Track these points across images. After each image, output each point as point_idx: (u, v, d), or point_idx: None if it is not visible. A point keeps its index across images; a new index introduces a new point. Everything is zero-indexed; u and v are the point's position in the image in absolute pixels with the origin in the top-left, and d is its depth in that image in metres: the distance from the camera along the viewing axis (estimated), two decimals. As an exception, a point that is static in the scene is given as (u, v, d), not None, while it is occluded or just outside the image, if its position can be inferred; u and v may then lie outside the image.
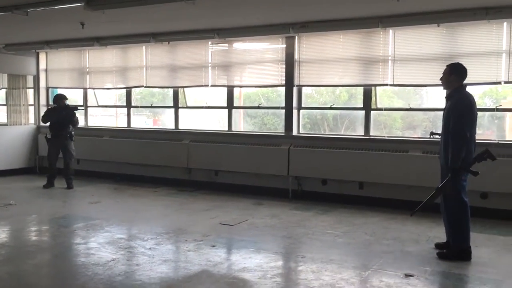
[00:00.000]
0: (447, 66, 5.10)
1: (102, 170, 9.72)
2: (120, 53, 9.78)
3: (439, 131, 5.28)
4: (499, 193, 6.54)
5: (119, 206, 7.45)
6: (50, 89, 11.00)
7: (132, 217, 6.68)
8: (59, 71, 10.72)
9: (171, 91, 9.57)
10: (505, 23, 6.57)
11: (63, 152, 8.90)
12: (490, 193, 6.61)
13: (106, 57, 9.97)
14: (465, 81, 5.85)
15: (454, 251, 4.94)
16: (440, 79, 5.12)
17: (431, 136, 5.56)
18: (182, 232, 5.87)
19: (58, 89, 11.07)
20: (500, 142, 6.76)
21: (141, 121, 10.48)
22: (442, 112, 7.02)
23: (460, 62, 5.12)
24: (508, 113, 7.28)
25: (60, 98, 8.95)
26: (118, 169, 9.69)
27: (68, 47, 9.86)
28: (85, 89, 10.36)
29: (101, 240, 5.59)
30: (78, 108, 9.03)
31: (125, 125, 10.12)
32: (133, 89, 9.94)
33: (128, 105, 10.04)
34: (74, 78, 10.50)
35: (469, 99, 4.86)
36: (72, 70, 10.49)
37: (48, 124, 8.93)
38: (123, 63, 9.80)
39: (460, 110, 4.76)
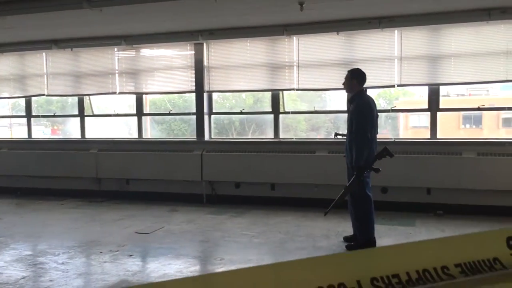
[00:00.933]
0: (348, 71, 5.46)
1: (0, 185, 9.09)
2: (18, 60, 9.23)
3: (341, 132, 5.67)
4: (398, 187, 7.12)
5: (23, 221, 7.04)
6: None
7: (40, 232, 6.36)
8: None
9: (71, 98, 9.20)
10: (396, 31, 7.18)
11: None
12: (389, 187, 7.17)
13: (2, 65, 9.34)
14: (364, 85, 6.43)
15: (361, 242, 5.33)
16: (343, 84, 5.48)
17: (335, 137, 5.93)
18: (95, 244, 5.71)
19: None
20: (396, 140, 7.37)
21: (39, 131, 9.96)
22: (343, 114, 7.56)
23: (359, 68, 5.53)
24: (401, 113, 7.97)
25: None
26: (18, 183, 9.11)
27: (-43, 54, 9.12)
28: (-22, 98, 9.64)
29: (8, 258, 5.27)
30: None
31: (25, 136, 9.55)
32: (32, 98, 9.42)
33: (28, 115, 9.49)
34: (-36, 87, 9.72)
35: (369, 102, 5.25)
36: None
37: None
38: (21, 70, 9.25)
39: (361, 112, 5.12)
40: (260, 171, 7.63)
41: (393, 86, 7.34)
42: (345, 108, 7.64)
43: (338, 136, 5.87)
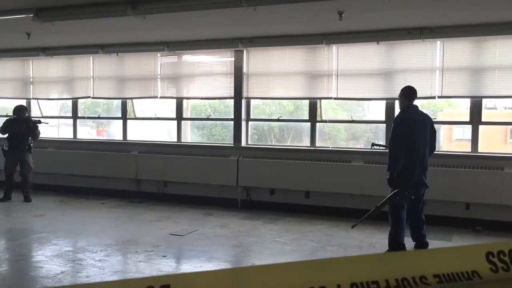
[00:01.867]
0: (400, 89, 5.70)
1: (46, 183, 9.47)
2: (66, 63, 9.64)
3: (380, 142, 5.68)
4: (436, 201, 6.98)
5: (65, 218, 7.33)
6: (-9, 99, 10.63)
7: (80, 230, 6.61)
8: (1, 81, 10.39)
9: (116, 101, 9.54)
10: (438, 42, 7.07)
11: (21, 165, 8.66)
12: (427, 200, 7.04)
13: (51, 67, 9.79)
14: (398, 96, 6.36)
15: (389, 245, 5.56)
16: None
17: (373, 147, 5.93)
18: (132, 244, 5.88)
19: (0, 100, 10.75)
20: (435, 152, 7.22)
21: (85, 132, 10.33)
22: (382, 124, 7.50)
23: (410, 85, 5.70)
24: (442, 125, 7.82)
25: (20, 110, 8.74)
26: (63, 181, 9.49)
27: (12, 57, 9.62)
28: (28, 99, 10.10)
29: (49, 253, 5.51)
30: (41, 121, 8.79)
31: (71, 136, 9.94)
32: (79, 100, 9.81)
33: (74, 116, 9.88)
34: (17, 88, 10.22)
35: (407, 116, 5.46)
36: (15, 80, 10.21)
37: (5, 135, 8.66)
38: (69, 73, 9.66)
39: (394, 126, 5.44)
40: (295, 178, 7.65)
41: (434, 97, 7.22)
42: (383, 118, 7.59)
43: (375, 147, 5.87)
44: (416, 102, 7.60)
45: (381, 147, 6.28)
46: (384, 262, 1.63)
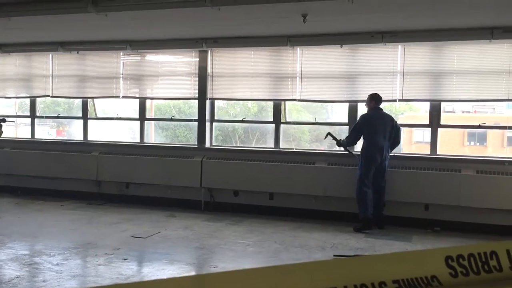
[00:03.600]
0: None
1: (1, 184, 9.13)
2: (24, 61, 9.33)
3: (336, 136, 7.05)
4: (395, 202, 7.10)
5: (21, 221, 7.08)
6: None
7: (37, 233, 6.40)
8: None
9: (77, 100, 9.31)
10: (399, 46, 7.22)
11: None
12: (387, 201, 7.17)
13: (8, 65, 9.45)
14: (365, 98, 6.69)
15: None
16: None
17: (326, 137, 7.16)
18: (91, 247, 5.73)
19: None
20: (395, 154, 7.36)
21: (44, 131, 10.02)
22: (345, 126, 7.63)
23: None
24: (402, 128, 7.96)
25: None
26: (20, 183, 9.17)
27: (-35, 53, 9.24)
28: (-17, 97, 9.72)
29: (3, 257, 5.30)
30: (6, 120, 8.44)
31: (28, 136, 9.63)
32: (37, 99, 9.51)
33: (32, 115, 9.57)
34: (-29, 85, 9.82)
35: (372, 115, 6.89)
36: (-31, 77, 9.81)
37: None
38: (27, 71, 9.35)
39: (359, 118, 7.00)
40: (259, 180, 7.64)
41: (395, 100, 7.36)
42: (346, 120, 7.69)
43: (329, 136, 7.08)
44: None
45: (333, 139, 7.08)
46: (343, 268, 1.62)
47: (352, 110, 7.61)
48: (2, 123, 8.35)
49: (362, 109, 7.82)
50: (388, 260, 1.69)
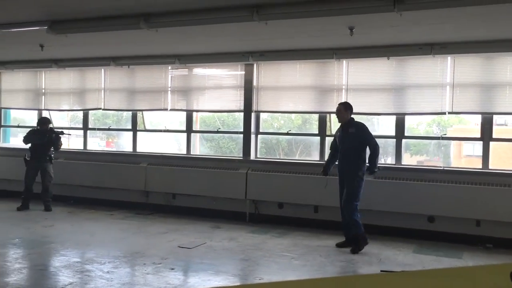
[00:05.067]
0: (342, 104, 6.60)
1: (56, 193, 9.48)
2: (78, 75, 9.75)
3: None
4: (445, 217, 6.92)
5: (74, 229, 7.35)
6: (2, 110, 10.75)
7: (88, 241, 6.62)
8: (14, 92, 10.52)
9: (125, 113, 9.61)
10: (449, 58, 7.07)
11: (42, 175, 8.78)
12: (436, 217, 6.99)
13: (63, 79, 9.90)
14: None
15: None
16: (337, 115, 6.59)
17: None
18: (140, 255, 5.87)
19: (12, 110, 10.87)
20: (445, 168, 7.19)
21: (95, 143, 10.38)
22: (391, 140, 7.47)
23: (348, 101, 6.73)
24: (452, 141, 7.78)
25: (44, 122, 8.89)
26: (72, 192, 9.53)
27: (25, 68, 9.75)
28: (40, 110, 10.19)
29: (57, 264, 5.52)
30: (64, 133, 8.89)
31: (81, 147, 10.01)
32: (90, 112, 9.89)
33: (85, 127, 9.96)
34: (29, 99, 10.33)
35: None
36: (27, 91, 10.32)
37: (28, 146, 8.77)
38: (81, 85, 9.76)
39: (367, 129, 6.50)
40: (304, 193, 7.62)
41: (444, 113, 7.20)
42: (393, 133, 7.57)
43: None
44: (426, 118, 7.78)
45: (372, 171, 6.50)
46: (391, 283, 1.58)
47: (400, 123, 7.50)
48: (60, 136, 8.76)
49: (410, 122, 7.72)
50: (450, 275, 1.65)
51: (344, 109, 6.49)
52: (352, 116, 6.55)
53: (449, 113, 7.17)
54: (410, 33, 6.36)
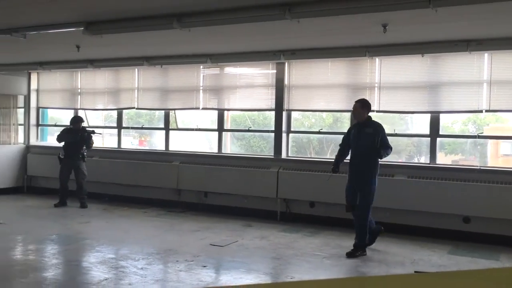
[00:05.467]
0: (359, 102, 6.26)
1: (90, 190, 9.69)
2: (113, 75, 9.95)
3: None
4: (482, 218, 6.75)
5: (109, 226, 7.50)
6: (40, 109, 11.07)
7: (122, 237, 6.75)
8: (51, 92, 10.83)
9: (158, 112, 9.75)
10: (486, 54, 6.88)
11: (76, 173, 9.01)
12: (472, 217, 6.82)
13: (98, 79, 10.12)
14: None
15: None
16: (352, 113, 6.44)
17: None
18: (172, 253, 5.95)
19: (49, 109, 11.18)
20: (481, 167, 7.01)
21: (128, 141, 10.57)
22: (425, 138, 7.31)
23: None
24: (489, 140, 7.57)
25: (77, 121, 9.13)
26: (106, 190, 9.73)
27: (62, 69, 10.01)
28: (76, 109, 10.45)
29: (93, 260, 5.65)
30: (95, 132, 9.11)
31: (115, 145, 10.21)
32: (124, 111, 10.08)
33: (119, 126, 10.15)
34: (65, 98, 10.62)
35: None
36: (64, 91, 10.61)
37: (62, 144, 9.03)
38: (115, 84, 9.96)
39: (383, 129, 6.18)
40: (335, 192, 7.52)
41: (481, 111, 7.02)
42: (427, 131, 7.43)
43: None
44: (461, 116, 7.58)
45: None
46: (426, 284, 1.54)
47: (434, 122, 7.35)
48: (92, 135, 8.96)
49: (445, 120, 7.55)
50: (478, 276, 1.60)
51: (361, 107, 6.20)
52: (370, 114, 6.29)
53: (486, 111, 6.99)
54: (445, 30, 6.22)
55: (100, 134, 9.56)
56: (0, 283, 4.80)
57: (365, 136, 6.10)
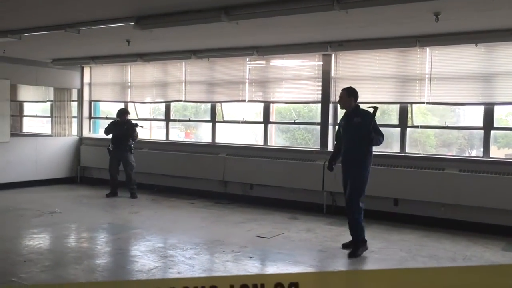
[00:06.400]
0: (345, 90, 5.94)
1: (140, 181, 9.97)
2: (161, 68, 10.14)
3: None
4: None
5: (157, 216, 7.69)
6: (93, 102, 11.45)
7: (171, 228, 6.90)
8: (102, 85, 11.17)
9: (204, 104, 9.87)
10: (544, 43, 6.56)
11: (124, 164, 9.28)
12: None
13: (147, 72, 10.35)
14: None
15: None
16: (339, 102, 6.01)
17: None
18: (219, 243, 6.03)
19: (100, 102, 11.54)
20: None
21: (174, 134, 10.76)
22: (478, 131, 7.06)
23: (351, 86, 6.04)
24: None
25: (123, 113, 9.38)
26: (155, 181, 9.97)
27: (112, 63, 10.29)
28: (126, 102, 10.73)
29: (143, 248, 5.81)
30: (138, 125, 9.36)
31: (163, 137, 10.43)
32: (171, 103, 10.27)
33: (167, 119, 10.36)
34: (116, 91, 10.93)
35: None
36: (114, 84, 10.92)
37: (110, 136, 9.34)
38: (163, 78, 10.15)
39: (375, 119, 5.73)
40: (383, 185, 7.43)
41: (538, 102, 6.70)
42: (481, 124, 7.17)
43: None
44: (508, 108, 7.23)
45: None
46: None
47: (488, 113, 7.08)
48: (135, 127, 9.18)
49: (500, 112, 7.27)
50: (469, 272, 1.58)
51: (347, 95, 5.86)
52: (358, 103, 5.93)
53: (545, 102, 6.67)
54: (500, 18, 5.95)
55: (142, 127, 9.74)
56: (56, 268, 5.03)
57: (353, 126, 5.78)
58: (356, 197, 5.74)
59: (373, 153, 5.86)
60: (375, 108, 5.72)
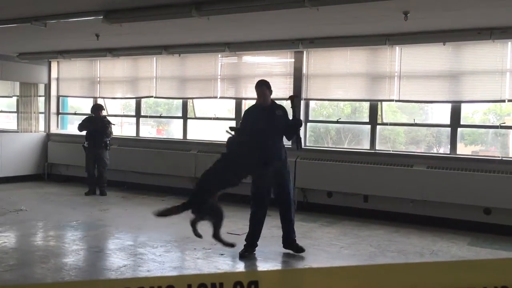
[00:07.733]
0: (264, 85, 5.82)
1: (110, 178, 9.78)
2: (131, 64, 9.99)
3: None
4: (502, 209, 6.65)
5: (127, 213, 7.58)
6: (60, 98, 11.19)
7: (141, 225, 6.81)
8: (70, 80, 10.93)
9: (176, 101, 9.77)
10: (509, 43, 6.73)
11: (98, 161, 9.09)
12: (493, 208, 6.72)
13: (117, 68, 10.18)
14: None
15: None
16: (261, 97, 5.82)
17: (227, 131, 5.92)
18: (190, 241, 5.96)
19: (69, 98, 11.29)
20: (503, 158, 6.89)
21: (145, 130, 10.63)
22: (445, 129, 7.20)
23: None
24: (511, 131, 7.42)
25: (97, 109, 9.17)
26: (125, 178, 9.82)
27: (81, 57, 10.09)
28: (95, 98, 10.53)
29: (112, 246, 5.73)
30: (112, 123, 9.18)
31: (133, 134, 10.28)
32: (142, 99, 10.12)
33: (138, 115, 10.21)
34: (84, 87, 10.71)
35: None
36: (83, 80, 10.70)
37: (83, 133, 9.13)
38: (133, 73, 10.00)
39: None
40: (353, 182, 7.52)
41: (503, 101, 6.88)
42: (448, 121, 7.32)
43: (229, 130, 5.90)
44: (481, 106, 7.45)
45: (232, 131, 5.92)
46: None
47: (455, 111, 7.23)
48: (110, 124, 9.03)
49: (466, 110, 7.44)
50: (459, 267, 1.61)
51: (268, 89, 5.80)
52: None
53: (509, 100, 6.85)
54: (468, 17, 6.09)
55: (114, 124, 9.58)
56: (22, 268, 4.90)
57: (277, 120, 5.66)
58: (291, 196, 5.84)
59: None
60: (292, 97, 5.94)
